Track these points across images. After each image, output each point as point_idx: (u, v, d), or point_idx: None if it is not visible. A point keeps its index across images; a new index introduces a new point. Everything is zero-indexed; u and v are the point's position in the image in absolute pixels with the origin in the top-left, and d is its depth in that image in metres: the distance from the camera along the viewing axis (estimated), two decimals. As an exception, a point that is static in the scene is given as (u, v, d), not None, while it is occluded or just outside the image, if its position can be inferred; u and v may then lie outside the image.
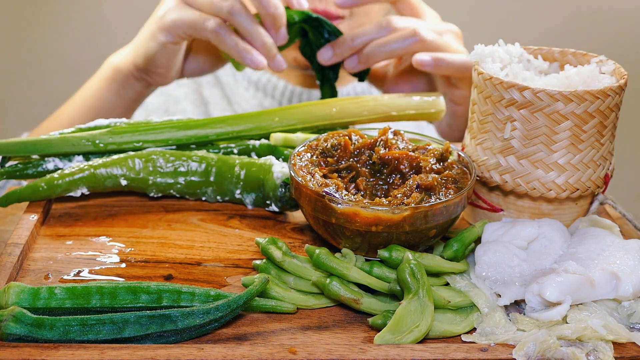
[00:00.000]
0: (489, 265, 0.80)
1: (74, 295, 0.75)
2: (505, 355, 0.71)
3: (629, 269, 0.78)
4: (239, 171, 0.96)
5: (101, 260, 0.85)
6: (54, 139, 0.97)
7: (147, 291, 0.76)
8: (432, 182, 0.82)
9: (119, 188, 0.96)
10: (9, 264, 0.82)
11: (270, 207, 0.95)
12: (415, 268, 0.75)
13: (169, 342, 0.73)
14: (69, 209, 0.96)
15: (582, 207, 0.90)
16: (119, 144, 0.98)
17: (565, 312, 0.75)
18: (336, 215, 0.80)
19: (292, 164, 0.86)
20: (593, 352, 0.72)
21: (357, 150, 0.88)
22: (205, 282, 0.82)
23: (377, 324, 0.75)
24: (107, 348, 0.70)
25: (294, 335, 0.74)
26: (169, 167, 0.96)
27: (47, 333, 0.72)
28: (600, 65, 0.91)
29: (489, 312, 0.77)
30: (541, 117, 0.84)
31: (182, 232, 0.91)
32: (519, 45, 0.93)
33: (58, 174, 0.93)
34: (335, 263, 0.78)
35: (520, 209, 0.89)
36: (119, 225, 0.93)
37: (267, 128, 1.03)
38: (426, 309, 0.73)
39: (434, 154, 0.89)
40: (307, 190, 0.82)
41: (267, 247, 0.82)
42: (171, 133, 0.99)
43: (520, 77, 0.89)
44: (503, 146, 0.87)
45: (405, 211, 0.79)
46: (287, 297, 0.78)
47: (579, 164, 0.86)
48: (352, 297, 0.77)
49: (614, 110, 0.86)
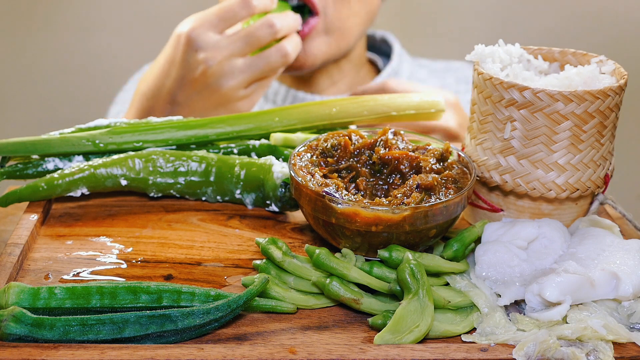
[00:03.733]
0: (489, 265, 0.80)
1: (74, 295, 0.75)
2: (505, 355, 0.71)
3: (629, 269, 0.78)
4: (239, 171, 0.96)
5: (101, 260, 0.85)
6: (54, 139, 0.97)
7: (147, 291, 0.76)
8: (432, 182, 0.82)
9: (119, 188, 0.96)
10: (9, 264, 0.82)
11: (270, 207, 0.95)
12: (415, 268, 0.75)
13: (169, 342, 0.73)
14: (69, 209, 0.96)
15: (582, 207, 0.90)
16: (119, 144, 0.98)
17: (565, 312, 0.75)
18: (336, 215, 0.80)
19: (292, 164, 0.86)
20: (593, 352, 0.72)
21: (357, 150, 0.88)
22: (205, 282, 0.82)
23: (377, 324, 0.75)
24: (107, 348, 0.70)
25: (294, 335, 0.74)
26: (169, 167, 0.96)
27: (47, 333, 0.72)
28: (600, 65, 0.91)
29: (489, 312, 0.77)
30: (541, 117, 0.84)
31: (182, 232, 0.91)
32: (519, 46, 0.93)
33: (58, 174, 0.93)
34: (335, 263, 0.78)
35: (520, 209, 0.89)
36: (119, 225, 0.93)
37: (267, 128, 1.03)
38: (426, 309, 0.73)
39: (434, 154, 0.89)
40: (307, 190, 0.82)
41: (267, 247, 0.82)
42: (171, 133, 0.99)
43: (520, 77, 0.89)
44: (503, 146, 0.87)
45: (405, 211, 0.79)
46: (287, 297, 0.78)
47: (579, 164, 0.86)
48: (352, 297, 0.77)
49: (614, 110, 0.86)
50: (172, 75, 1.18)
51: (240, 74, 1.16)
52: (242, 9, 1.15)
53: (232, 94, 1.17)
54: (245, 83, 1.17)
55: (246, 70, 1.16)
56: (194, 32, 1.15)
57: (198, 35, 1.15)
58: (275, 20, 1.16)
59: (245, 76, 1.17)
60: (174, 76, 1.18)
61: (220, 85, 1.16)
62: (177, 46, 1.17)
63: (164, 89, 1.19)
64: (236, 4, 1.16)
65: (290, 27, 1.19)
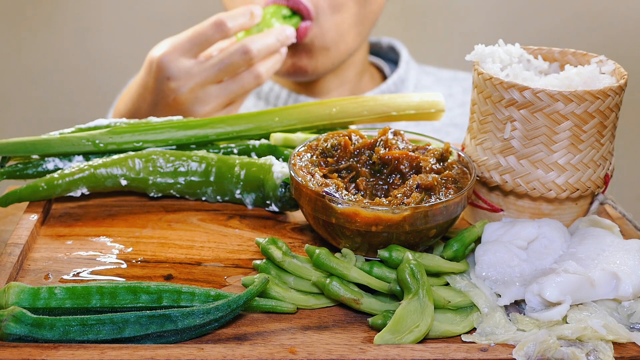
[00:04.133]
0: (489, 265, 0.80)
1: (74, 295, 0.75)
2: (505, 355, 0.71)
3: (629, 269, 0.78)
4: (239, 171, 0.96)
5: (101, 260, 0.85)
6: (54, 139, 0.97)
7: (147, 291, 0.76)
8: (432, 182, 0.82)
9: (119, 188, 0.96)
10: (9, 264, 0.82)
11: (270, 207, 0.95)
12: (415, 268, 0.75)
13: (169, 342, 0.73)
14: (69, 209, 0.96)
15: (582, 207, 0.90)
16: (119, 144, 0.98)
17: (565, 312, 0.75)
18: (336, 215, 0.80)
19: (292, 164, 0.86)
20: (593, 352, 0.72)
21: (357, 150, 0.88)
22: (205, 282, 0.82)
23: (377, 324, 0.75)
24: (107, 348, 0.70)
25: (294, 335, 0.74)
26: (169, 167, 0.96)
27: (47, 333, 0.72)
28: (600, 65, 0.91)
29: (489, 312, 0.77)
30: (541, 117, 0.84)
31: (182, 232, 0.91)
32: (519, 46, 0.93)
33: (58, 174, 0.93)
34: (335, 263, 0.78)
35: (520, 209, 0.89)
36: (119, 225, 0.93)
37: (267, 128, 1.03)
38: (426, 309, 0.73)
39: (434, 154, 0.89)
40: (307, 190, 0.82)
41: (267, 247, 0.82)
42: (171, 133, 0.99)
43: (520, 77, 0.89)
44: (503, 146, 0.87)
45: (405, 211, 0.79)
46: (287, 297, 0.78)
47: (579, 164, 0.86)
48: (352, 297, 0.77)
49: (614, 110, 0.86)
50: (146, 99, 1.18)
51: (214, 100, 1.16)
52: (215, 33, 1.14)
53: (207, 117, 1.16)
54: (220, 107, 1.17)
55: (220, 95, 1.16)
56: (165, 58, 1.14)
57: (169, 62, 1.14)
58: (251, 46, 1.14)
59: (219, 101, 1.16)
60: (148, 101, 1.18)
61: (194, 111, 1.15)
62: (150, 72, 1.16)
63: (140, 111, 1.20)
64: (209, 27, 1.14)
65: (268, 49, 1.17)
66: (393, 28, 2.08)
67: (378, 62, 1.58)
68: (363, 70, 1.50)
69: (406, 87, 1.50)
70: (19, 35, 2.20)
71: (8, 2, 2.16)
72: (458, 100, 1.52)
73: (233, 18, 1.15)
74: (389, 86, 1.48)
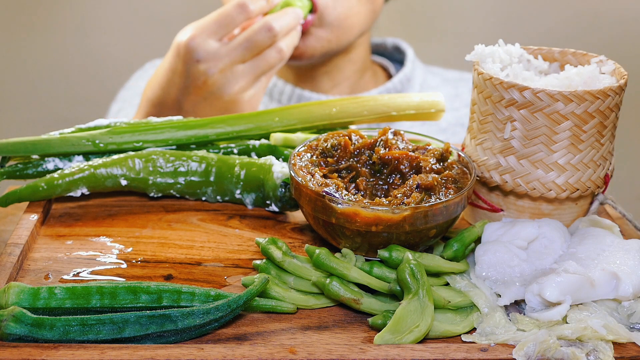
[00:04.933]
0: (489, 265, 0.80)
1: (74, 295, 0.75)
2: (505, 355, 0.71)
3: (629, 269, 0.78)
4: (239, 171, 0.96)
5: (101, 260, 0.85)
6: (54, 139, 0.97)
7: (147, 291, 0.76)
8: (432, 182, 0.82)
9: (119, 188, 0.96)
10: (9, 264, 0.82)
11: (270, 207, 0.95)
12: (415, 268, 0.75)
13: (169, 342, 0.73)
14: (69, 209, 0.96)
15: (582, 207, 0.90)
16: (119, 144, 0.98)
17: (565, 312, 0.75)
18: (336, 215, 0.80)
19: (292, 164, 0.86)
20: (593, 352, 0.72)
21: (357, 150, 0.88)
22: (205, 282, 0.82)
23: (377, 324, 0.75)
24: (107, 348, 0.70)
25: (294, 335, 0.74)
26: (169, 167, 0.96)
27: (47, 333, 0.72)
28: (600, 65, 0.91)
29: (489, 312, 0.77)
30: (541, 117, 0.84)
31: (182, 232, 0.91)
32: (519, 46, 0.93)
33: (58, 174, 0.93)
34: (335, 263, 0.78)
35: (520, 209, 0.89)
36: (119, 225, 0.93)
37: (267, 128, 1.03)
38: (426, 309, 0.73)
39: (434, 154, 0.89)
40: (307, 190, 0.82)
41: (267, 247, 0.82)
42: (171, 133, 0.99)
43: (520, 77, 0.89)
44: (503, 146, 0.87)
45: (405, 211, 0.79)
46: (287, 297, 0.78)
47: (579, 164, 0.86)
48: (352, 297, 0.77)
49: (614, 110, 0.86)
50: (176, 83, 1.19)
51: (242, 79, 1.18)
52: (239, 14, 1.17)
53: (237, 97, 1.18)
54: (248, 85, 1.19)
55: (248, 73, 1.18)
56: (193, 42, 1.16)
57: (197, 45, 1.16)
58: (274, 24, 1.17)
59: (247, 79, 1.18)
60: (178, 85, 1.19)
61: (224, 92, 1.17)
62: (178, 56, 1.18)
63: (169, 96, 1.21)
64: (233, 9, 1.17)
65: (289, 26, 1.21)
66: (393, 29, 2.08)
67: (383, 61, 1.58)
68: (364, 69, 1.50)
69: (412, 85, 1.50)
70: (19, 35, 2.20)
71: (8, 2, 2.16)
72: (465, 101, 1.52)
73: (254, 0, 1.18)
74: (395, 84, 1.48)
